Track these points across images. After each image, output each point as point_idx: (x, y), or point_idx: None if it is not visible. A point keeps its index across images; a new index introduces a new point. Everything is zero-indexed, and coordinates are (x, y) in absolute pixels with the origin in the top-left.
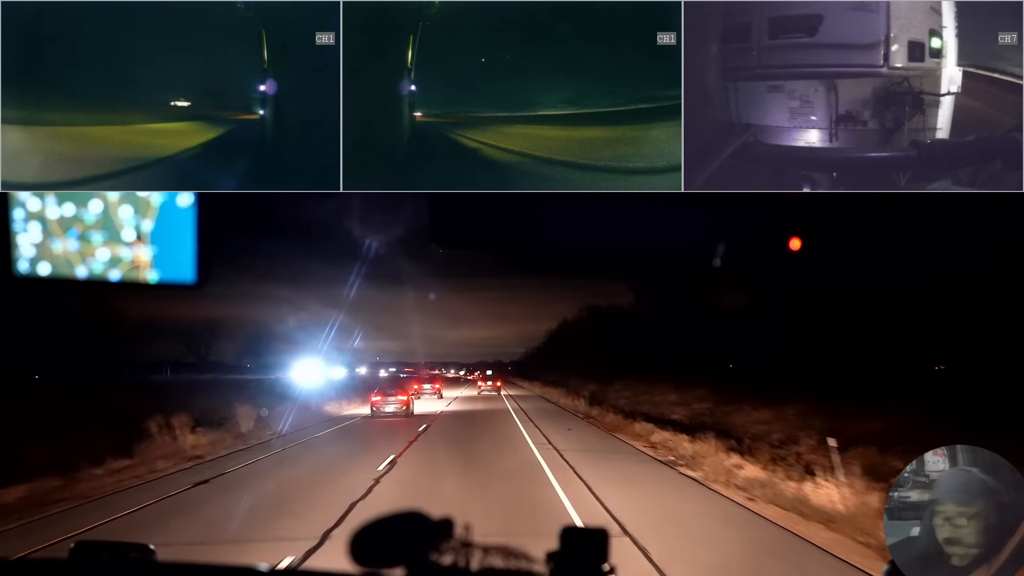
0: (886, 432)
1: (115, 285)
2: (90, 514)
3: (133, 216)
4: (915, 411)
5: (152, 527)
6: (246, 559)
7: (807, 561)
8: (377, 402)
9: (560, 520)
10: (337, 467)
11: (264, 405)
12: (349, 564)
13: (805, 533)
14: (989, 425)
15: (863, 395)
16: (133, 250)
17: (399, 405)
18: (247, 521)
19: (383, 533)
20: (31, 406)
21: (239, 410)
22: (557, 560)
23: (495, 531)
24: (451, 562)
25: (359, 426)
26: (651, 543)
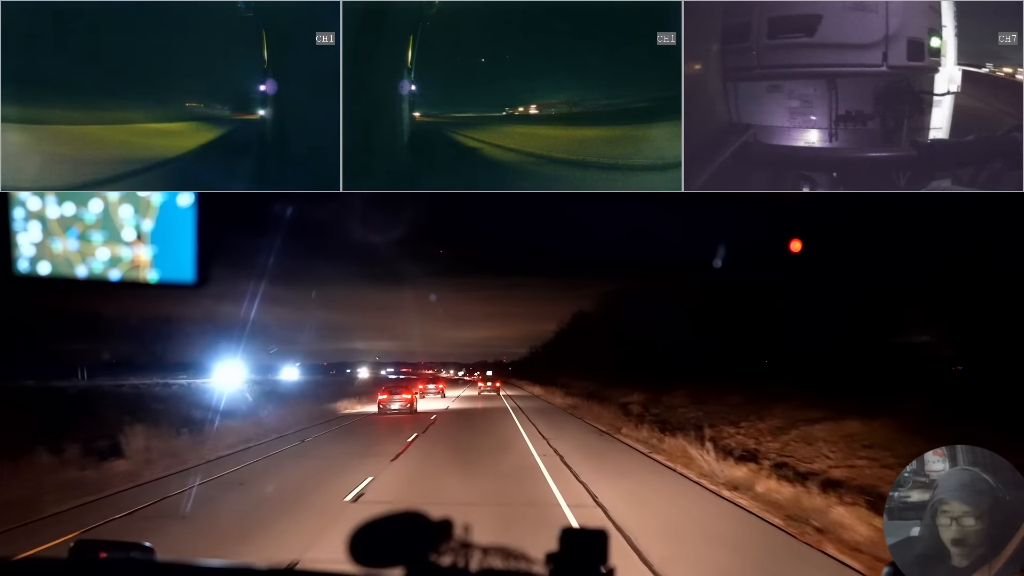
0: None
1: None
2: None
3: (133, 216)
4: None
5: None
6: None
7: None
8: (384, 400)
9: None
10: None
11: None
12: (349, 564)
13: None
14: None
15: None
16: (133, 250)
17: (404, 403)
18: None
19: (382, 533)
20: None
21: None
22: (556, 561)
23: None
24: (450, 562)
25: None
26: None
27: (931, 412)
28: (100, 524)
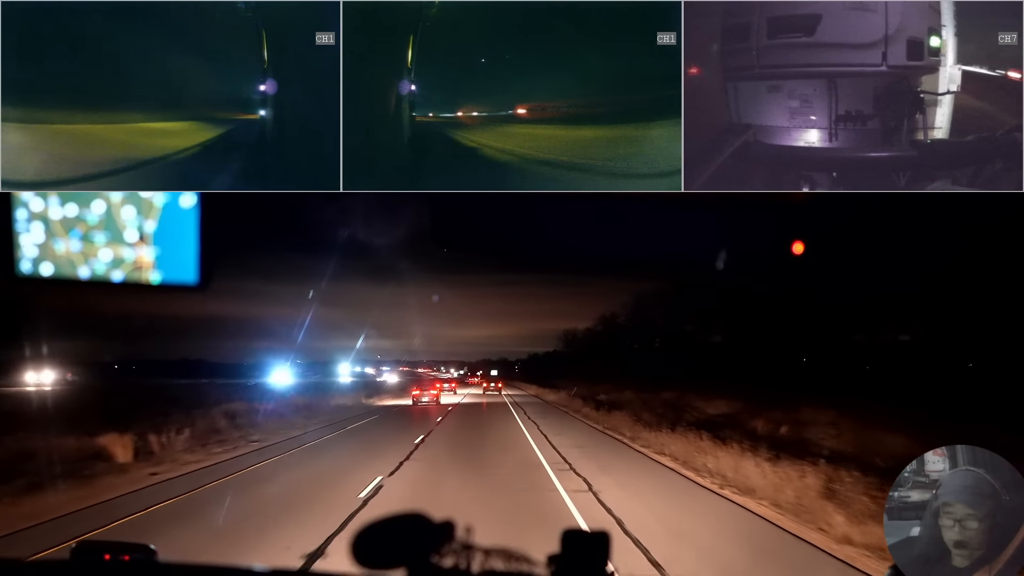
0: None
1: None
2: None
3: (136, 217)
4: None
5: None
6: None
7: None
8: (417, 395)
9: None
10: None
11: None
12: (351, 566)
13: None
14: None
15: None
16: (136, 251)
17: (431, 398)
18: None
19: (385, 535)
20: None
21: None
22: (558, 562)
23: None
24: (452, 564)
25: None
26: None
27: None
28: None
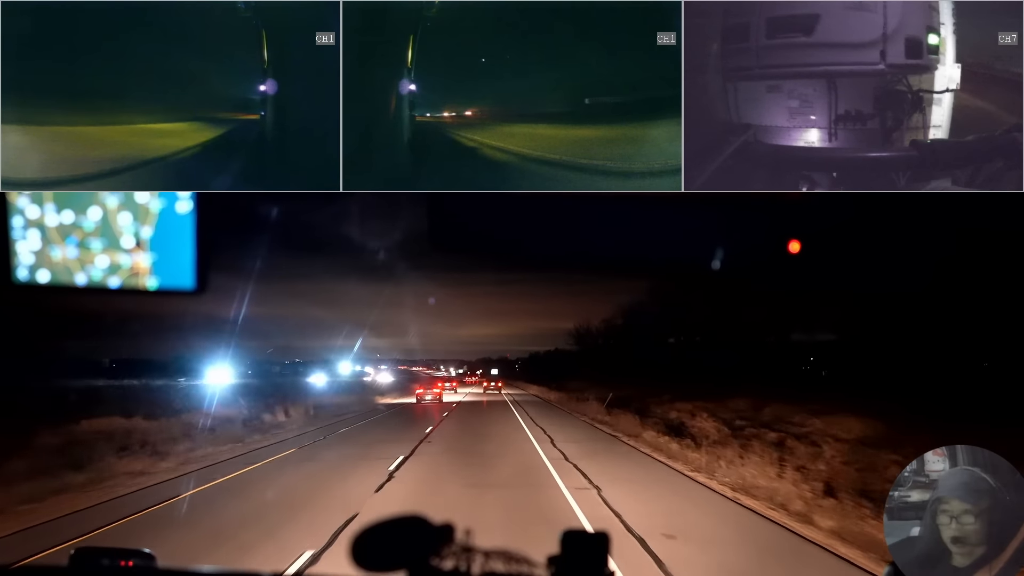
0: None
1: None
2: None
3: (132, 223)
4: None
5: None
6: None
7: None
8: (420, 393)
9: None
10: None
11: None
12: (352, 568)
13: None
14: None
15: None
16: (132, 257)
17: (434, 396)
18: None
19: (385, 538)
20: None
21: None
22: (558, 564)
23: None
24: (452, 567)
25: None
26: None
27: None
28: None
